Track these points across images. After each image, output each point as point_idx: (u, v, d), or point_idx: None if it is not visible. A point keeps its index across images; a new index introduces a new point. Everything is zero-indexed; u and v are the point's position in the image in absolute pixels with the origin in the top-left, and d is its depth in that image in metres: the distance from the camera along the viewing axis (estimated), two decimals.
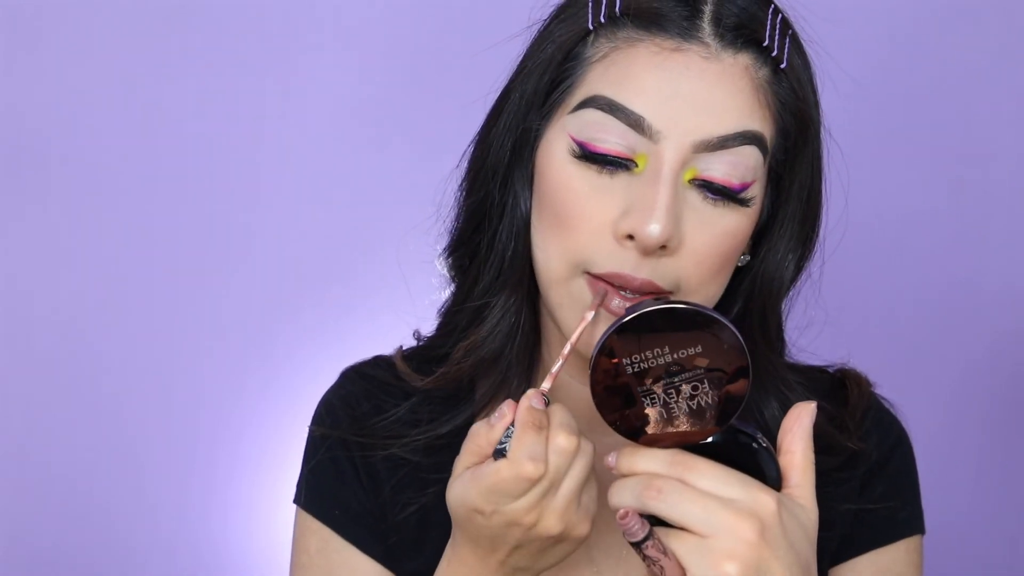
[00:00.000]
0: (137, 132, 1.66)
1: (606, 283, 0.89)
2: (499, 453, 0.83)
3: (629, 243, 0.87)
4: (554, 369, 0.86)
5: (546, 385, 0.85)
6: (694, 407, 0.77)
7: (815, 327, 1.14)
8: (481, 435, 0.85)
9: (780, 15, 0.93)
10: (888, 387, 1.12)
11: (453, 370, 1.01)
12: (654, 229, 0.86)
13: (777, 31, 0.92)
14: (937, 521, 1.21)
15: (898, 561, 1.06)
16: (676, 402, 0.77)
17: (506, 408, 0.84)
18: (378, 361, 1.11)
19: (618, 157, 0.88)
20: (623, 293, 0.88)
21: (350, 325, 1.67)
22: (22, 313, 1.66)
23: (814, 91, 0.96)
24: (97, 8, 1.65)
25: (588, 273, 0.90)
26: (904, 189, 1.68)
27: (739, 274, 0.98)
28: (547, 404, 0.84)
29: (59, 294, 1.66)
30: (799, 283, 1.02)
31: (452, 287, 1.06)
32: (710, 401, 0.77)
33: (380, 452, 1.04)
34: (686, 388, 0.77)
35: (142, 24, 1.65)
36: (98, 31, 1.65)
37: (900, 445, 1.08)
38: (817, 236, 1.00)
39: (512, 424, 0.83)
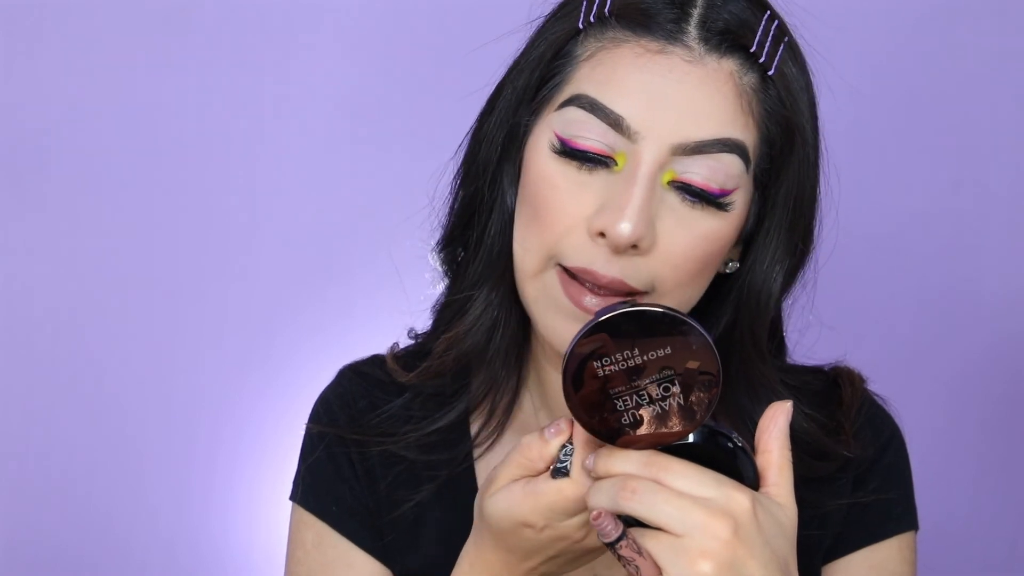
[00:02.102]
0: (136, 132, 1.66)
1: (576, 277, 0.89)
2: (559, 472, 0.83)
3: (601, 240, 0.88)
4: None
5: None
6: (667, 408, 0.77)
7: (814, 329, 1.15)
8: (534, 448, 0.85)
9: (776, 21, 0.93)
10: (888, 388, 1.12)
11: (435, 364, 1.02)
12: (624, 228, 0.86)
13: (769, 37, 0.91)
14: (937, 521, 1.21)
15: (892, 558, 1.06)
16: (649, 404, 0.77)
17: (564, 424, 0.84)
18: (375, 360, 1.12)
19: (597, 154, 0.89)
20: (594, 289, 0.89)
21: (350, 325, 1.67)
22: (22, 313, 1.66)
23: (810, 100, 0.96)
24: (97, 8, 1.65)
25: (560, 265, 0.90)
26: (903, 191, 1.68)
27: (727, 282, 0.99)
28: None
29: (59, 294, 1.66)
30: (793, 291, 1.02)
31: (445, 282, 1.06)
32: (683, 402, 0.77)
33: (375, 448, 1.05)
34: (658, 390, 0.77)
35: (142, 24, 1.65)
36: (98, 31, 1.65)
37: (892, 441, 1.09)
38: (810, 247, 0.99)
39: (569, 442, 0.83)
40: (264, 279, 1.69)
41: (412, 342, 1.12)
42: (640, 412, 0.78)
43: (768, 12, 0.93)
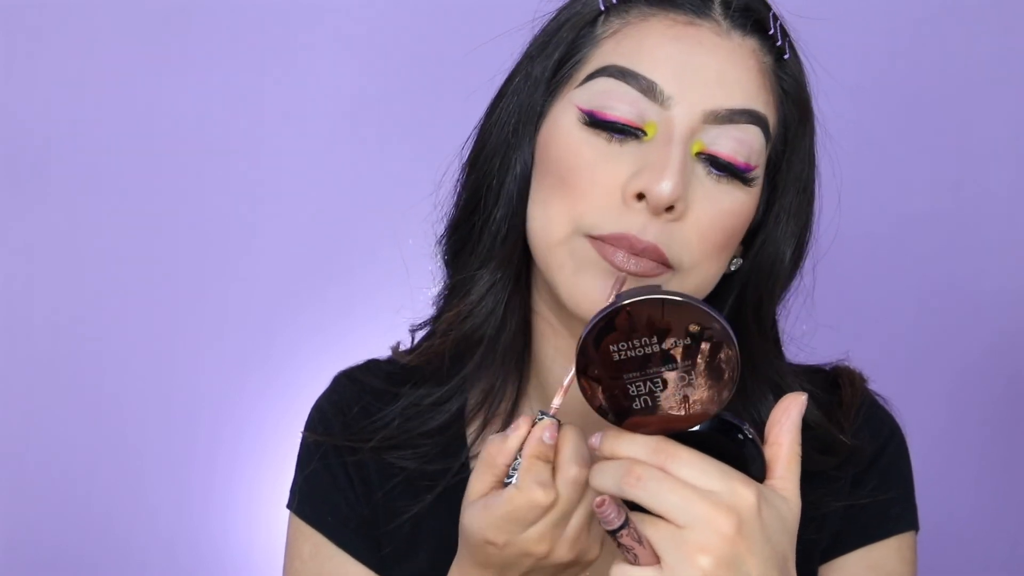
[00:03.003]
0: (137, 132, 1.66)
1: (610, 244, 0.88)
2: (509, 483, 0.83)
3: (638, 204, 0.88)
4: (565, 382, 0.85)
5: (556, 402, 0.84)
6: (680, 396, 0.77)
7: (814, 329, 1.14)
8: (494, 446, 0.84)
9: (779, 20, 0.96)
10: (888, 388, 1.12)
11: (436, 343, 1.01)
12: (665, 187, 0.86)
13: (777, 28, 0.95)
14: (937, 522, 1.21)
15: (890, 558, 1.05)
16: (663, 391, 0.77)
17: (522, 422, 0.83)
18: (370, 365, 1.11)
19: (628, 125, 0.89)
20: (628, 256, 0.88)
21: (350, 325, 1.67)
22: (22, 313, 1.66)
23: (808, 88, 0.98)
24: (97, 8, 1.65)
25: (590, 236, 0.89)
26: (903, 191, 1.68)
27: (731, 277, 0.99)
28: (559, 425, 0.83)
29: (59, 294, 1.66)
30: (793, 287, 1.02)
31: (447, 272, 1.05)
32: (696, 390, 0.77)
33: (368, 455, 1.04)
34: (673, 376, 0.77)
35: (142, 24, 1.65)
36: (98, 31, 1.65)
37: (892, 440, 1.08)
38: (811, 231, 1.01)
39: (520, 453, 0.83)
40: (264, 279, 1.68)
41: (414, 343, 1.11)
42: (651, 398, 0.77)
43: (771, 12, 0.96)
